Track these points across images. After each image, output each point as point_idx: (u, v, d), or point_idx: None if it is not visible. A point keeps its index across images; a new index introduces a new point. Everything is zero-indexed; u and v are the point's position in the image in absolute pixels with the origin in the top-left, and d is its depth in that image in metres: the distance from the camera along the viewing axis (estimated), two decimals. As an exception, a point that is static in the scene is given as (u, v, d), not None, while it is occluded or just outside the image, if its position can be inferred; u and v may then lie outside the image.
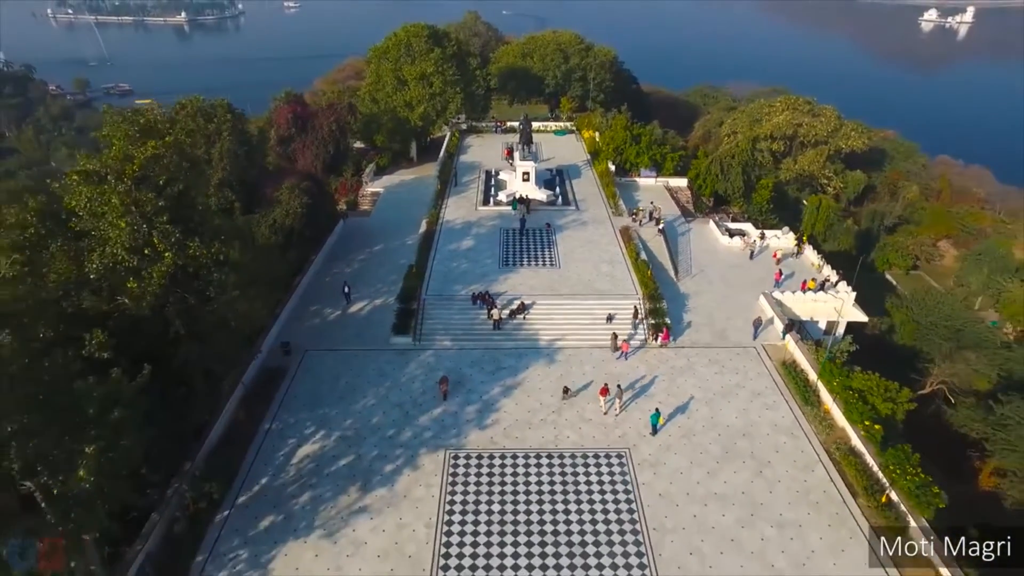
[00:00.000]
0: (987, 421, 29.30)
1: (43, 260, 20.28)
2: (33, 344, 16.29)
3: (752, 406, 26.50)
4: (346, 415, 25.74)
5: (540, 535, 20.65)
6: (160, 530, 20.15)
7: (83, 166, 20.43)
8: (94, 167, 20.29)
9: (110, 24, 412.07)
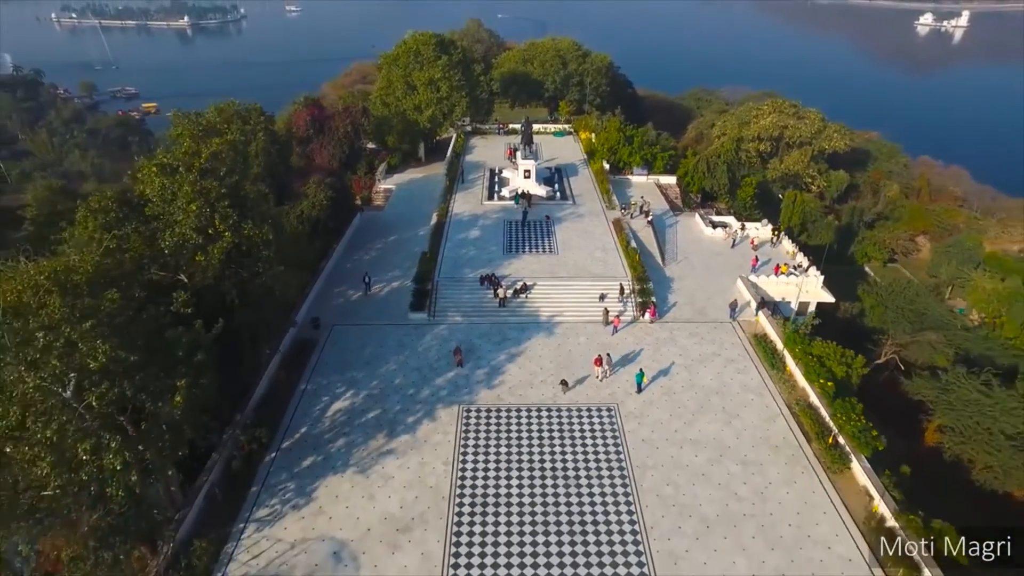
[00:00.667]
0: (934, 386, 33.24)
1: (121, 238, 24.24)
2: (132, 302, 20.21)
3: (725, 370, 30.47)
4: (371, 378, 29.69)
5: (540, 471, 24.58)
6: (220, 466, 24.06)
7: (160, 160, 24.43)
8: (168, 160, 24.28)
9: (113, 28, 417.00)
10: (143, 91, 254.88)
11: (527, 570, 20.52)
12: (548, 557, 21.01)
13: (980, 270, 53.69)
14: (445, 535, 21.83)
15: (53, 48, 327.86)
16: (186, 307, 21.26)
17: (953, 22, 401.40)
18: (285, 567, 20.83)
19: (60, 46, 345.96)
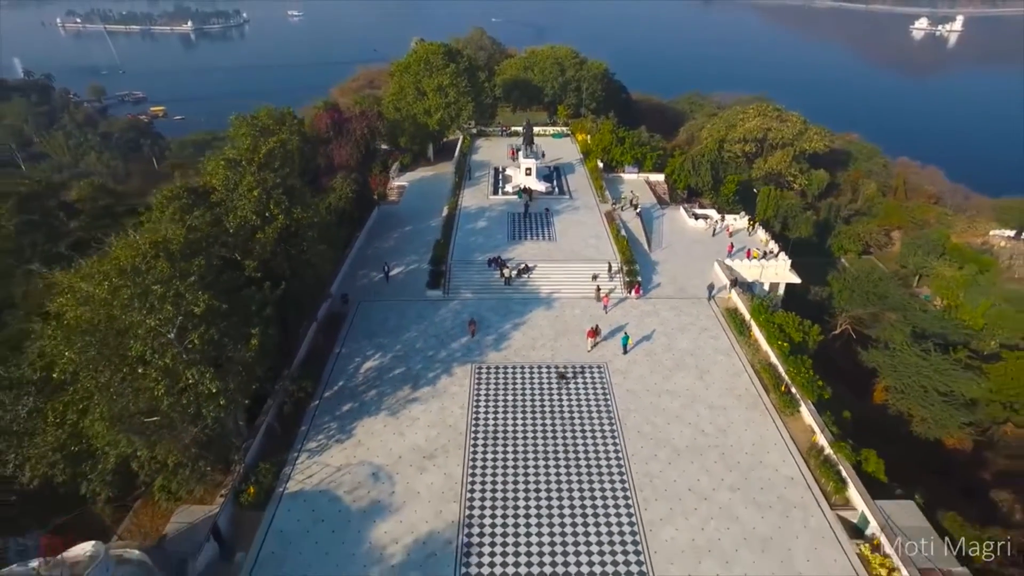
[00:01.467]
0: (884, 354, 38.34)
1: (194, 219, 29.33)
2: (212, 268, 25.28)
3: (700, 337, 35.60)
4: (396, 343, 34.79)
5: (540, 414, 29.64)
6: (274, 409, 29.10)
7: (226, 155, 29.58)
8: (233, 156, 29.44)
9: (118, 33, 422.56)
10: (150, 95, 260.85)
11: (531, 487, 25.57)
12: (547, 477, 26.07)
13: (943, 260, 58.89)
14: (463, 460, 26.90)
15: (59, 53, 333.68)
16: (256, 272, 26.36)
17: (948, 27, 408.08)
18: (333, 484, 25.88)
19: (66, 51, 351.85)
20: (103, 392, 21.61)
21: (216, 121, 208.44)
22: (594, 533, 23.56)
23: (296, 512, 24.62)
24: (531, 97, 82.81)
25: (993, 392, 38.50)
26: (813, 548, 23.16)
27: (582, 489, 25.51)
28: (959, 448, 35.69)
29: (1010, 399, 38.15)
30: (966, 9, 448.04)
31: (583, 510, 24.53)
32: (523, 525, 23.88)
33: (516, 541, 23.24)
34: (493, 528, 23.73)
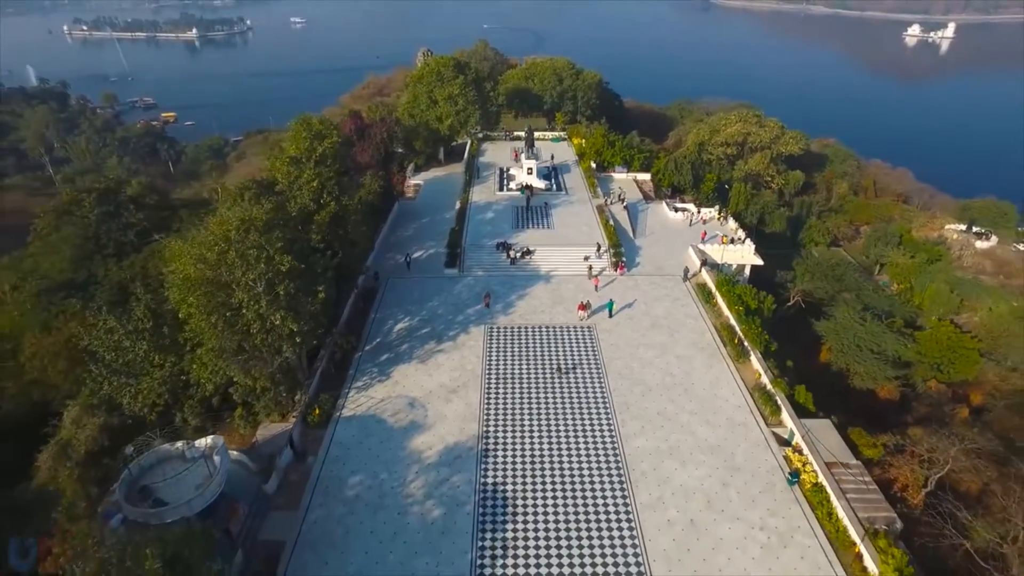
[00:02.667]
0: (831, 323, 45.84)
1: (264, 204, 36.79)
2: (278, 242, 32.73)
3: (673, 305, 43.10)
4: (421, 309, 42.28)
5: (540, 360, 37.06)
6: (327, 357, 36.48)
7: (290, 153, 37.12)
8: (295, 154, 37.01)
9: (123, 40, 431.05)
10: (159, 101, 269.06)
11: (533, 413, 32.95)
12: (546, 406, 33.45)
13: (898, 250, 66.50)
14: (480, 393, 34.32)
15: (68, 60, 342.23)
16: (320, 243, 33.88)
17: (940, 33, 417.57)
18: (378, 410, 33.30)
19: (74, 58, 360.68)
20: (212, 330, 29.02)
21: (227, 126, 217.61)
22: (583, 443, 30.98)
23: (351, 429, 32.04)
24: (531, 105, 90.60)
25: (922, 355, 46.04)
26: (750, 452, 30.59)
27: (574, 413, 32.92)
28: (889, 398, 43.00)
29: (934, 360, 45.65)
30: (958, 16, 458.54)
31: (574, 427, 31.94)
32: (527, 438, 31.29)
33: (522, 449, 30.63)
34: (503, 439, 31.14)
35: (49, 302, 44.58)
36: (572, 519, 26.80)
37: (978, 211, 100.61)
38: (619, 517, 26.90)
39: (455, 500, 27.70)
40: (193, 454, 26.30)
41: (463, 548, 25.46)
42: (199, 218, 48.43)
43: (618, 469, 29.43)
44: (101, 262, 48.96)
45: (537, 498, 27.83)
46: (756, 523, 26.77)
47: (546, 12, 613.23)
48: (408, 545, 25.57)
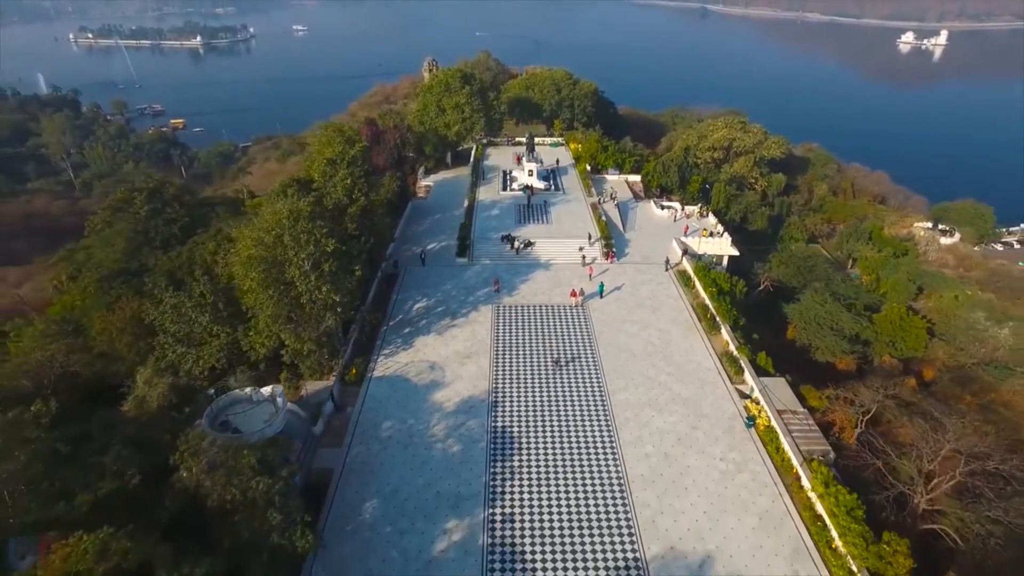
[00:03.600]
0: (795, 305, 52.26)
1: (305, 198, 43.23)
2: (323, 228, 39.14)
3: (656, 288, 49.53)
4: (437, 291, 48.65)
5: (541, 333, 43.41)
6: (357, 330, 42.86)
7: (327, 156, 43.63)
8: (330, 156, 43.51)
9: (128, 48, 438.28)
10: (166, 108, 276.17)
11: (533, 373, 39.29)
12: (546, 367, 39.77)
13: (868, 245, 73.02)
14: (490, 358, 40.65)
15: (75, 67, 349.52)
16: (354, 230, 40.33)
17: (933, 40, 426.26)
18: (404, 372, 39.61)
19: (81, 65, 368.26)
20: (270, 300, 35.36)
21: (235, 132, 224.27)
22: (576, 396, 37.32)
23: (382, 387, 38.37)
24: (531, 112, 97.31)
25: (877, 333, 52.46)
26: (716, 403, 36.94)
27: (569, 374, 39.24)
28: (847, 369, 49.31)
29: (888, 338, 52.04)
30: (951, 23, 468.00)
31: (570, 385, 38.27)
32: (529, 393, 37.61)
33: (525, 401, 36.95)
34: (509, 393, 37.47)
35: (109, 287, 50.93)
36: (567, 453, 33.11)
37: (957, 212, 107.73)
38: (605, 451, 33.22)
39: (471, 438, 34.01)
40: (259, 397, 32.71)
41: (478, 473, 31.76)
42: (233, 215, 55.26)
43: (606, 416, 35.76)
44: (150, 253, 55.26)
45: (538, 437, 34.13)
46: (717, 455, 33.09)
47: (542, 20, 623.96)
48: (434, 471, 31.86)
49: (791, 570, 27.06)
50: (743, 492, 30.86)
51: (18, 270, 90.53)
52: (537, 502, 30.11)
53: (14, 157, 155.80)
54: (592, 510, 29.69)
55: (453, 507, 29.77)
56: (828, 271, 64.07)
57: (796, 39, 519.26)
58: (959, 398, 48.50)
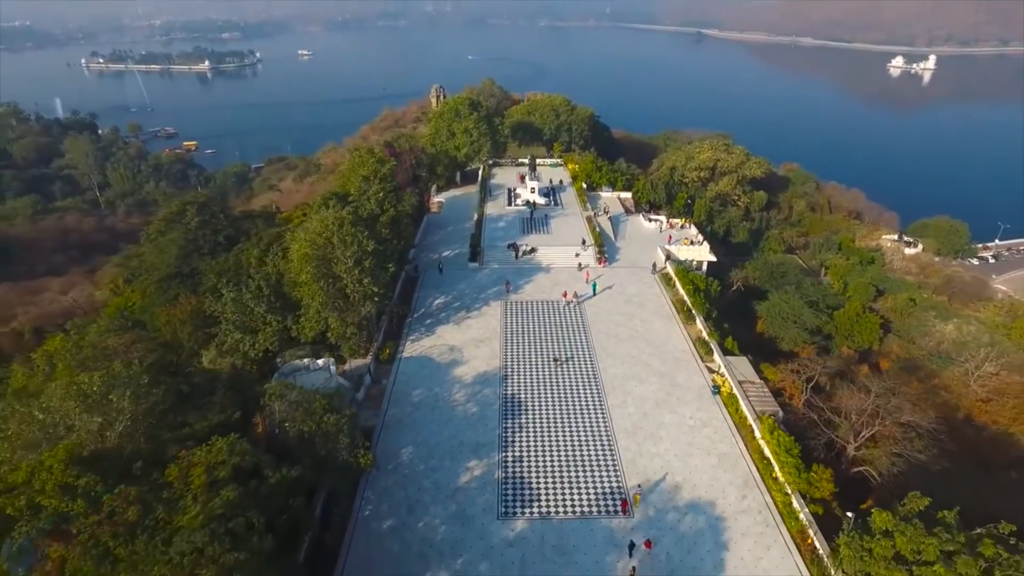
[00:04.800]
0: (764, 303, 60.40)
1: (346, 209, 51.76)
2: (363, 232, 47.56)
3: (642, 288, 57.85)
4: (453, 290, 56.95)
5: (543, 324, 51.60)
6: (387, 320, 51.02)
7: (362, 174, 52.31)
8: (365, 173, 52.19)
9: (139, 72, 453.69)
10: (179, 131, 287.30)
11: (537, 354, 47.38)
12: (547, 349, 47.87)
13: (837, 254, 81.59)
14: (500, 342, 48.77)
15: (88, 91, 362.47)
16: (387, 235, 48.80)
17: (922, 64, 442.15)
18: (429, 352, 47.69)
19: (94, 89, 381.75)
20: (320, 290, 43.59)
21: (246, 154, 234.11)
22: (573, 371, 45.37)
23: (411, 364, 46.41)
24: (533, 136, 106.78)
25: (838, 328, 60.65)
26: (688, 376, 44.99)
27: (568, 356, 47.28)
28: (808, 358, 57.30)
29: (847, 332, 60.20)
30: (940, 48, 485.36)
31: (568, 364, 46.30)
32: (533, 369, 45.67)
33: (530, 375, 44.97)
34: (517, 369, 45.52)
35: (168, 287, 59.17)
36: (565, 413, 41.09)
37: (934, 229, 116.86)
38: (596, 411, 41.19)
39: (486, 402, 41.99)
40: (315, 366, 40.83)
41: (493, 427, 39.67)
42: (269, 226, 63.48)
43: (596, 386, 43.79)
44: (199, 258, 63.61)
45: (541, 402, 42.13)
46: (687, 415, 41.06)
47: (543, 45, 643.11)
48: (457, 426, 39.79)
49: (741, 494, 34.87)
50: (706, 441, 38.79)
51: (60, 280, 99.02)
52: (540, 448, 37.99)
53: (41, 178, 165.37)
54: (585, 453, 37.58)
55: (473, 451, 37.66)
56: (799, 276, 72.53)
57: (789, 63, 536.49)
58: (907, 382, 56.43)
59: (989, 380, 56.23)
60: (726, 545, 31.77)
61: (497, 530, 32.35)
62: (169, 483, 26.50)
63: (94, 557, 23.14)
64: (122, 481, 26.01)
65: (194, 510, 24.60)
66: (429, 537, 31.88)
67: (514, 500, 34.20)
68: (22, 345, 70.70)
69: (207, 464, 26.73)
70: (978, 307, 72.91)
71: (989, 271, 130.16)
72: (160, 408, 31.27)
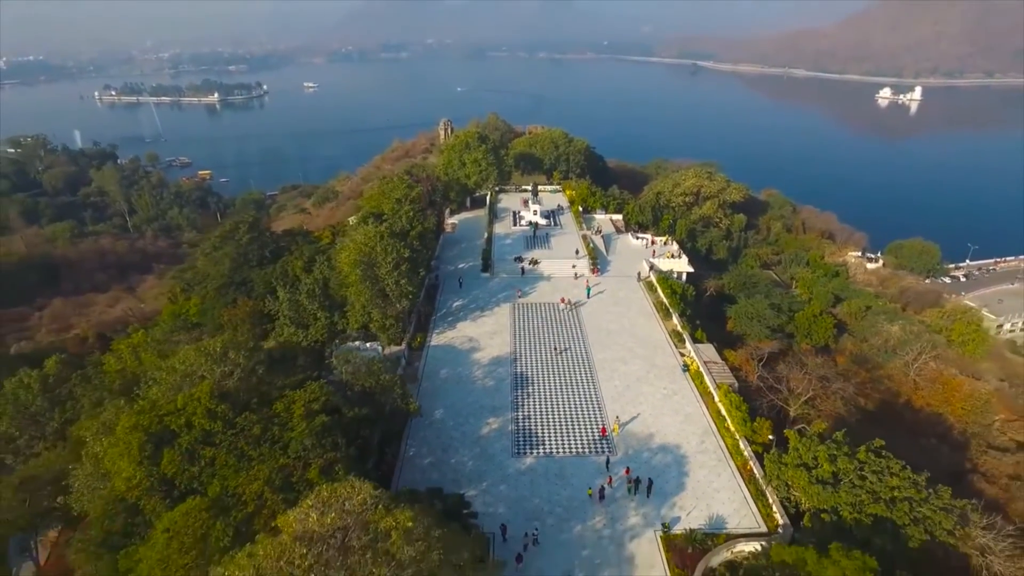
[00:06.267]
0: (733, 306, 71.80)
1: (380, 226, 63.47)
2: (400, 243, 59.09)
3: (628, 293, 69.32)
4: (469, 295, 68.39)
5: (547, 321, 62.85)
6: (414, 317, 62.22)
7: (395, 197, 64.24)
8: (398, 196, 64.11)
9: (147, 104, 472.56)
10: (193, 160, 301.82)
11: (540, 345, 58.52)
12: (549, 340, 59.03)
13: (805, 268, 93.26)
14: (511, 334, 59.95)
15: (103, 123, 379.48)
16: (418, 246, 60.40)
17: (908, 95, 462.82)
18: (451, 342, 58.84)
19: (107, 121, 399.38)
20: (366, 289, 54.93)
21: (260, 183, 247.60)
22: (570, 357, 56.42)
23: (437, 351, 57.51)
24: (534, 165, 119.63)
25: (797, 328, 71.89)
26: (664, 359, 56.11)
27: (566, 346, 58.36)
28: (770, 351, 68.24)
29: (805, 331, 71.42)
30: (926, 80, 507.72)
31: (566, 353, 57.37)
32: (538, 354, 56.73)
33: (535, 359, 56.04)
34: (525, 354, 56.61)
35: (225, 292, 70.37)
36: (564, 385, 52.04)
37: (907, 250, 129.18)
38: (587, 384, 52.15)
39: (500, 378, 52.98)
40: (364, 348, 51.91)
41: (506, 395, 50.61)
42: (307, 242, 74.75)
43: (589, 365, 54.83)
44: (248, 269, 74.99)
45: (544, 378, 53.11)
46: (661, 387, 52.01)
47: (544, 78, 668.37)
48: (477, 395, 50.71)
49: (701, 440, 45.64)
50: (676, 404, 49.70)
51: (105, 296, 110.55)
52: (544, 410, 48.88)
53: (71, 204, 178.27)
54: (579, 413, 48.44)
55: (491, 412, 48.53)
56: (768, 285, 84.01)
57: (782, 93, 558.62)
58: (856, 372, 67.44)
59: (925, 370, 67.27)
60: (687, 473, 42.46)
61: (512, 464, 43.08)
62: (277, 413, 37.41)
63: (235, 457, 33.98)
64: (244, 412, 36.96)
65: (300, 427, 35.51)
66: (460, 469, 42.57)
67: (524, 444, 44.97)
68: (87, 347, 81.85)
69: (304, 401, 37.68)
70: (926, 313, 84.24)
71: (960, 288, 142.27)
72: (262, 365, 42.32)
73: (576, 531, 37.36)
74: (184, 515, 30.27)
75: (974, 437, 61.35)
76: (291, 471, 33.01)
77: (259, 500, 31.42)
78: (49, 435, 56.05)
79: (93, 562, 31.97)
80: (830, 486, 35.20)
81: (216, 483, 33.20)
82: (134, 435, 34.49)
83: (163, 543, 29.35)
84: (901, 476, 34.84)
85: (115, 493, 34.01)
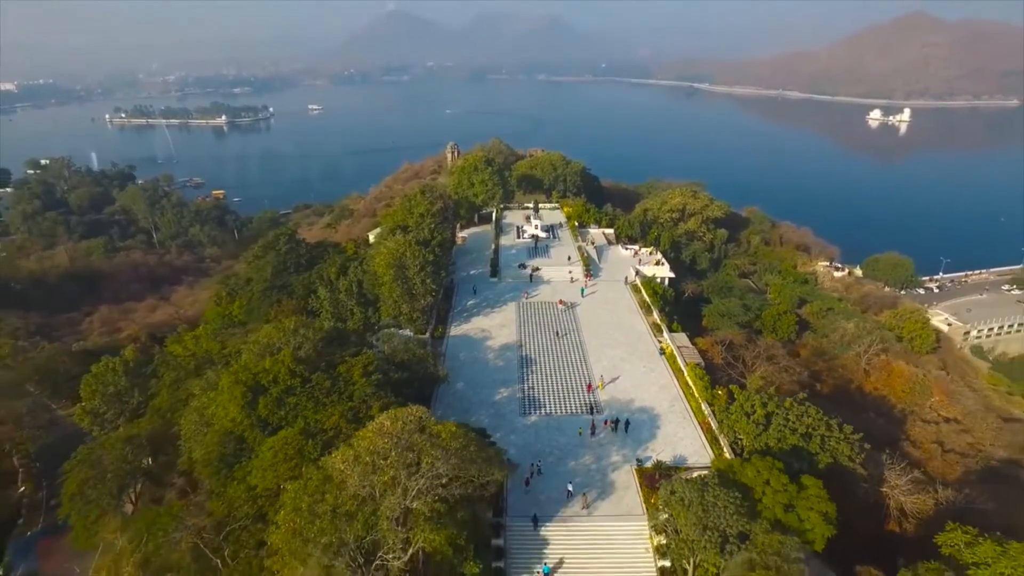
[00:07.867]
0: (709, 306, 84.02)
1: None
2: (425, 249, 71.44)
3: (617, 294, 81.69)
4: (480, 295, 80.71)
5: (547, 316, 75.05)
6: (434, 313, 74.42)
7: (419, 211, 76.86)
8: (421, 211, 76.71)
9: (158, 126, 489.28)
10: (206, 181, 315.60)
11: (543, 334, 70.66)
12: (550, 332, 71.17)
13: (777, 276, 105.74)
14: (516, 326, 72.13)
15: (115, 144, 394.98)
16: (439, 252, 72.84)
17: (898, 117, 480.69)
18: (467, 333, 71.03)
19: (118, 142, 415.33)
20: (397, 287, 67.15)
21: (274, 202, 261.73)
22: (567, 345, 68.51)
23: (456, 339, 69.66)
24: (535, 185, 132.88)
25: (764, 324, 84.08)
26: (644, 346, 68.26)
27: (565, 336, 70.43)
28: (739, 343, 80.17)
29: (771, 327, 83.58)
30: (915, 102, 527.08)
31: (565, 340, 69.46)
32: (540, 342, 68.82)
33: (538, 345, 68.12)
34: (529, 342, 68.73)
35: (269, 295, 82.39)
36: (561, 365, 64.03)
37: (883, 263, 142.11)
38: (580, 364, 64.19)
39: (509, 359, 65.06)
40: (399, 333, 64.02)
41: (514, 372, 62.66)
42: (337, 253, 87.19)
43: (582, 350, 66.94)
44: (288, 275, 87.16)
45: (545, 359, 65.14)
46: (641, 366, 64.06)
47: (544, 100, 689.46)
48: (491, 373, 62.73)
49: (671, 404, 57.55)
50: (652, 379, 61.70)
51: (143, 304, 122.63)
52: (545, 382, 60.85)
53: (98, 222, 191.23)
54: (573, 385, 60.37)
55: (502, 384, 60.50)
56: (742, 290, 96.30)
57: (776, 115, 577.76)
58: (815, 362, 79.44)
59: (874, 360, 79.26)
60: (659, 427, 54.33)
61: (520, 420, 54.97)
62: (341, 374, 49.34)
63: (312, 403, 45.90)
64: (315, 372, 48.93)
65: (361, 382, 47.47)
66: (479, 424, 54.33)
67: (529, 407, 56.89)
68: (141, 345, 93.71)
69: (362, 364, 49.68)
70: (884, 314, 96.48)
71: (933, 299, 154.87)
72: (322, 341, 54.39)
73: (570, 465, 49.18)
74: (282, 439, 42.10)
75: (911, 414, 73.07)
76: (358, 410, 44.92)
77: (335, 429, 43.26)
78: (129, 411, 67.92)
79: (213, 475, 43.62)
80: (763, 426, 47.03)
81: (300, 421, 45.05)
82: (236, 388, 46.45)
83: (269, 457, 41.13)
84: (816, 417, 46.74)
85: (224, 429, 45.79)
